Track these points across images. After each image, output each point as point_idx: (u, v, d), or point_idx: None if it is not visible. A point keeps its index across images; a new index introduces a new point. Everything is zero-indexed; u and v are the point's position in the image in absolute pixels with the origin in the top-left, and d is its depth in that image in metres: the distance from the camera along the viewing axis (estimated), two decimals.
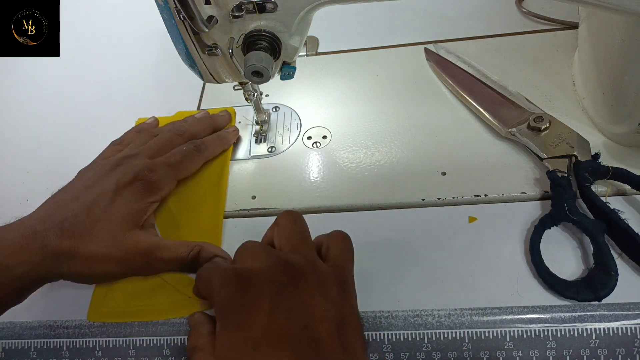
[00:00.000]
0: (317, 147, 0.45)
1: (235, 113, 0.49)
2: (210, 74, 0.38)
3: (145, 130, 0.45)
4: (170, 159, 0.39)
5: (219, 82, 0.40)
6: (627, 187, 0.36)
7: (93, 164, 0.41)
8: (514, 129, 0.41)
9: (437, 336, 0.32)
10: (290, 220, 0.34)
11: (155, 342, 0.34)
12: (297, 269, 0.29)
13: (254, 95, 0.43)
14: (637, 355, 0.31)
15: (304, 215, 0.40)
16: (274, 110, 0.49)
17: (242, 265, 0.30)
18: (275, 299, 0.27)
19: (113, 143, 0.44)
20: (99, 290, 0.37)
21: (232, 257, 0.33)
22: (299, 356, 0.25)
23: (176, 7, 0.31)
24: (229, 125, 0.47)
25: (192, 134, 0.43)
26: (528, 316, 0.32)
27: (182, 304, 0.35)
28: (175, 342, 0.34)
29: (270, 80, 0.34)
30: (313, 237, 0.34)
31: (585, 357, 0.31)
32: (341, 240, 0.33)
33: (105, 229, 0.34)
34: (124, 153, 0.39)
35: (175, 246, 0.35)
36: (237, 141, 0.47)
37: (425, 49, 0.51)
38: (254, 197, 0.42)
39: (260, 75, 0.34)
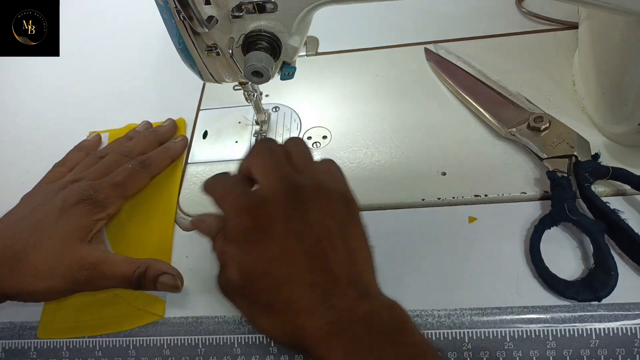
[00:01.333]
0: (317, 147, 0.45)
1: (184, 123, 0.49)
2: (210, 74, 0.38)
3: (86, 149, 0.45)
4: (114, 178, 0.39)
5: (219, 82, 0.40)
6: (627, 187, 0.36)
7: (37, 189, 0.41)
8: (514, 129, 0.41)
9: (437, 336, 0.32)
10: (272, 145, 0.32)
11: (155, 342, 0.34)
12: (305, 191, 0.30)
13: (254, 95, 0.43)
14: (637, 355, 0.31)
15: None
16: (274, 110, 0.49)
17: (253, 192, 0.30)
18: (286, 223, 0.28)
19: (56, 165, 0.44)
20: (48, 307, 0.37)
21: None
22: (310, 269, 0.27)
23: (176, 7, 0.31)
24: (178, 135, 0.48)
25: (139, 152, 0.43)
26: (528, 316, 0.32)
27: (132, 316, 0.35)
28: (176, 342, 0.34)
29: (270, 80, 0.34)
30: None
31: (585, 357, 0.31)
32: (330, 163, 0.33)
33: (50, 245, 0.34)
34: (69, 178, 0.40)
35: (121, 263, 0.35)
36: (188, 149, 0.47)
37: (425, 49, 0.51)
38: None
39: (260, 75, 0.34)
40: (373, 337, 0.25)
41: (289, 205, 0.29)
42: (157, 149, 0.44)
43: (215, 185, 0.32)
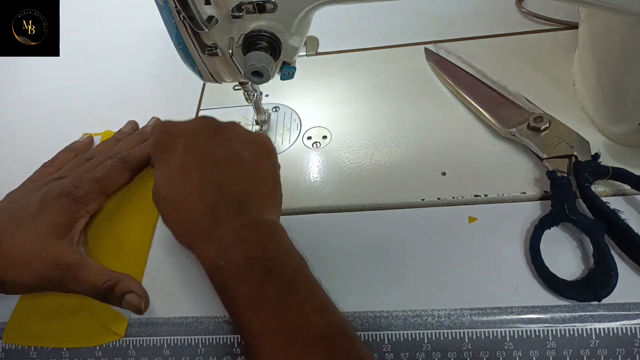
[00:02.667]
0: (317, 147, 0.45)
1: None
2: (210, 74, 0.38)
3: (76, 151, 0.46)
4: (95, 174, 0.39)
5: (219, 82, 0.40)
6: (627, 187, 0.36)
7: (21, 186, 0.41)
8: (514, 129, 0.41)
9: (437, 336, 0.32)
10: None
11: (155, 342, 0.34)
12: (218, 125, 0.37)
13: (254, 95, 0.43)
14: (637, 355, 0.31)
15: (304, 216, 0.40)
16: (274, 110, 0.49)
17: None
18: (187, 143, 0.35)
19: (44, 165, 0.44)
20: (18, 311, 0.36)
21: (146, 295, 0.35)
22: (201, 182, 0.34)
23: (176, 7, 0.31)
24: None
25: (124, 155, 0.43)
26: (528, 316, 0.32)
27: (94, 332, 0.35)
28: (175, 342, 0.34)
29: (270, 80, 0.34)
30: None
31: (585, 357, 0.31)
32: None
33: (27, 237, 0.34)
34: (53, 176, 0.40)
35: (95, 271, 0.34)
36: None
37: (425, 49, 0.51)
38: None
39: (260, 75, 0.34)
40: (239, 238, 0.31)
41: (197, 134, 0.36)
42: (138, 146, 0.44)
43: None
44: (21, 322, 0.36)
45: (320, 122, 0.47)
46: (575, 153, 0.37)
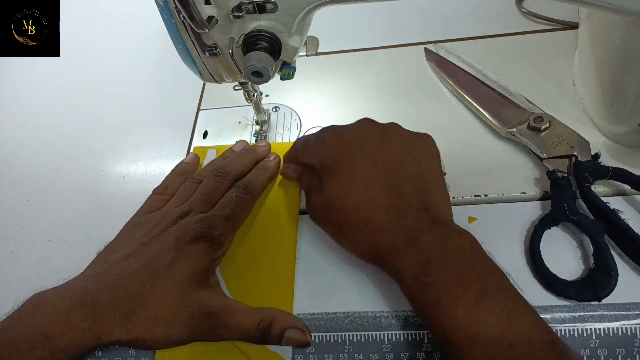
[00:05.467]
0: None
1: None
2: (210, 74, 0.38)
3: (186, 174, 0.42)
4: (224, 211, 0.35)
5: (219, 82, 0.40)
6: (627, 187, 0.36)
7: (140, 219, 0.37)
8: (514, 129, 0.41)
9: None
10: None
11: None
12: (385, 129, 0.36)
13: (254, 95, 0.43)
14: (637, 355, 0.31)
15: (304, 216, 0.40)
16: (274, 110, 0.49)
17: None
18: (364, 152, 0.34)
19: (156, 192, 0.40)
20: (162, 353, 0.34)
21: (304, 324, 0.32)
22: (386, 194, 0.32)
23: (176, 7, 0.31)
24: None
25: (237, 173, 0.39)
26: None
27: None
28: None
29: (270, 80, 0.34)
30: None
31: (585, 357, 0.31)
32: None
33: (168, 289, 0.31)
34: (177, 211, 0.36)
35: (244, 313, 0.31)
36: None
37: (425, 49, 0.51)
38: None
39: (260, 75, 0.34)
40: (443, 252, 0.29)
41: (368, 139, 0.35)
42: (254, 170, 0.41)
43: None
44: None
45: (320, 122, 0.47)
46: (575, 153, 0.37)
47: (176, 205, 0.37)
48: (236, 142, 0.44)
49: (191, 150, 0.47)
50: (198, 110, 0.51)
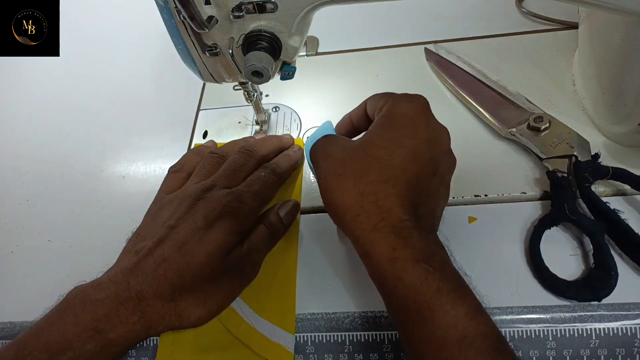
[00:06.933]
0: None
1: (302, 142, 0.45)
2: (210, 74, 0.38)
3: (202, 154, 0.40)
4: (252, 187, 0.35)
5: (219, 82, 0.40)
6: (627, 187, 0.36)
7: (163, 200, 0.36)
8: (514, 129, 0.41)
9: None
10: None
11: (155, 342, 0.34)
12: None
13: (254, 95, 0.43)
14: (637, 355, 0.31)
15: (304, 216, 0.40)
16: (274, 110, 0.49)
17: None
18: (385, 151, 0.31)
19: (173, 170, 0.39)
20: (163, 347, 0.34)
21: None
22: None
23: (176, 7, 0.31)
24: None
25: (262, 155, 0.39)
26: (528, 316, 0.32)
27: None
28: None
29: (270, 80, 0.34)
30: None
31: (585, 357, 0.31)
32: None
33: (206, 263, 0.31)
34: (200, 186, 0.35)
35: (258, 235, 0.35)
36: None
37: (425, 49, 0.51)
38: None
39: (260, 75, 0.34)
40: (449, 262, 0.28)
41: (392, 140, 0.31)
42: (280, 156, 0.41)
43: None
44: (170, 357, 0.34)
45: (320, 122, 0.47)
46: (575, 153, 0.37)
47: (197, 182, 0.36)
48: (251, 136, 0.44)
49: (193, 147, 0.47)
50: (198, 110, 0.51)
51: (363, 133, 0.37)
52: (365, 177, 0.29)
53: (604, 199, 0.35)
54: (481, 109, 0.44)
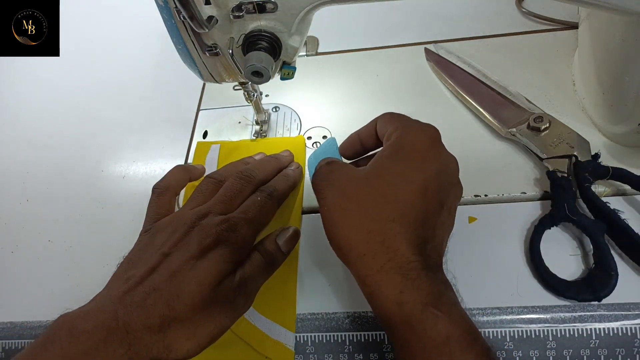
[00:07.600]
0: (317, 147, 0.45)
1: (304, 142, 0.45)
2: (210, 74, 0.38)
3: (194, 171, 0.40)
4: (248, 214, 0.34)
5: (219, 82, 0.40)
6: (627, 187, 0.36)
7: (157, 225, 0.35)
8: (514, 129, 0.41)
9: None
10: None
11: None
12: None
13: (254, 95, 0.43)
14: (637, 355, 0.31)
15: (304, 216, 0.40)
16: (274, 110, 0.49)
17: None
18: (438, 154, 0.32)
19: (158, 193, 0.38)
20: None
21: None
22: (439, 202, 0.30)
23: (176, 7, 0.31)
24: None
25: (261, 179, 0.38)
26: (528, 316, 0.32)
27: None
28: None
29: (270, 80, 0.34)
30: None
31: (585, 357, 0.31)
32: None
33: (197, 292, 0.29)
34: (195, 212, 0.34)
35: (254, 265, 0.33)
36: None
37: (425, 49, 0.51)
38: None
39: (260, 75, 0.34)
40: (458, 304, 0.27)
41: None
42: (277, 177, 0.40)
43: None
44: None
45: (320, 122, 0.47)
46: (575, 153, 0.37)
47: (192, 207, 0.35)
48: (257, 154, 0.43)
49: (194, 146, 0.47)
50: (198, 110, 0.51)
51: (370, 152, 0.36)
52: (371, 213, 0.28)
53: (604, 199, 0.35)
54: (481, 109, 0.44)
